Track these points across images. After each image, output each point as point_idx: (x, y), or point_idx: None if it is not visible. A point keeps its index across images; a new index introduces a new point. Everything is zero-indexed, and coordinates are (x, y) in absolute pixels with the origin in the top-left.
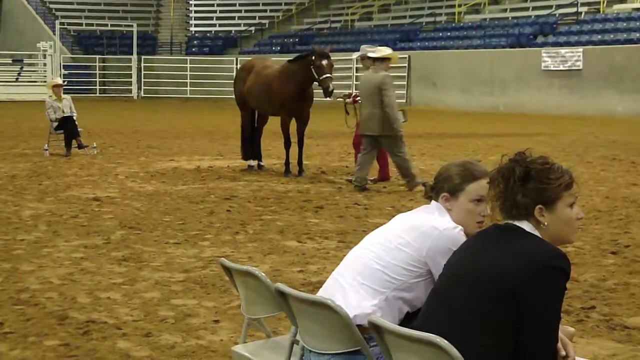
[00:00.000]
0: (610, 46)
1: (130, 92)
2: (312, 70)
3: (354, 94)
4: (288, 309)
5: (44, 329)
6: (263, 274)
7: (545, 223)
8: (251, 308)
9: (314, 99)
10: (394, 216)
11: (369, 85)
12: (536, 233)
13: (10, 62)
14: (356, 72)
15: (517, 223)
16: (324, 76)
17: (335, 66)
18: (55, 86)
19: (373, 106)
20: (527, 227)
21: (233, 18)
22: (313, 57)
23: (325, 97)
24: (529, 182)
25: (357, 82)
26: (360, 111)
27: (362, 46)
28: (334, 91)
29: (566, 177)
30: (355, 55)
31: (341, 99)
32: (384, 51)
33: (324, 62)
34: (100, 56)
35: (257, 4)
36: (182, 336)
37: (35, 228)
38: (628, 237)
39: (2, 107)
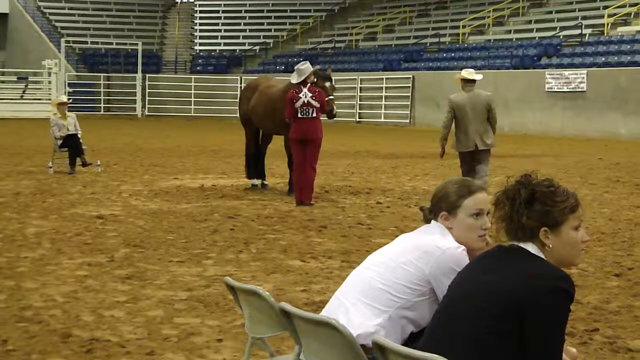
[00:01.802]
0: (614, 68)
1: (135, 111)
2: None
3: None
4: (292, 328)
5: (47, 347)
6: (267, 293)
7: (550, 245)
8: (255, 327)
9: None
10: (397, 236)
11: (480, 102)
12: (541, 255)
13: (16, 79)
14: (360, 92)
15: (521, 245)
16: (327, 99)
17: (339, 86)
18: (60, 104)
19: (482, 123)
20: (531, 249)
21: (238, 37)
22: (315, 80)
23: (329, 118)
24: (534, 205)
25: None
26: (466, 129)
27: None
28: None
29: (571, 200)
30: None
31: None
32: (472, 72)
33: (327, 84)
34: (105, 74)
35: (262, 24)
36: (185, 355)
37: (39, 246)
38: (632, 259)
39: (6, 125)
